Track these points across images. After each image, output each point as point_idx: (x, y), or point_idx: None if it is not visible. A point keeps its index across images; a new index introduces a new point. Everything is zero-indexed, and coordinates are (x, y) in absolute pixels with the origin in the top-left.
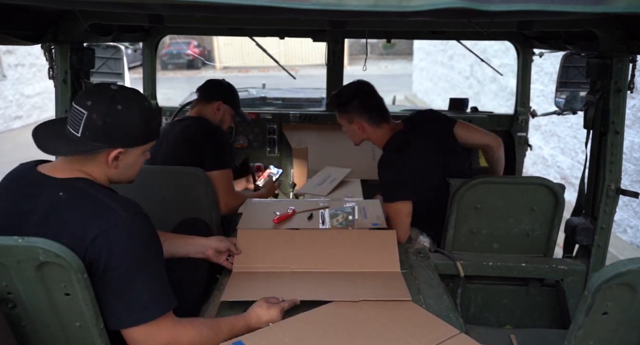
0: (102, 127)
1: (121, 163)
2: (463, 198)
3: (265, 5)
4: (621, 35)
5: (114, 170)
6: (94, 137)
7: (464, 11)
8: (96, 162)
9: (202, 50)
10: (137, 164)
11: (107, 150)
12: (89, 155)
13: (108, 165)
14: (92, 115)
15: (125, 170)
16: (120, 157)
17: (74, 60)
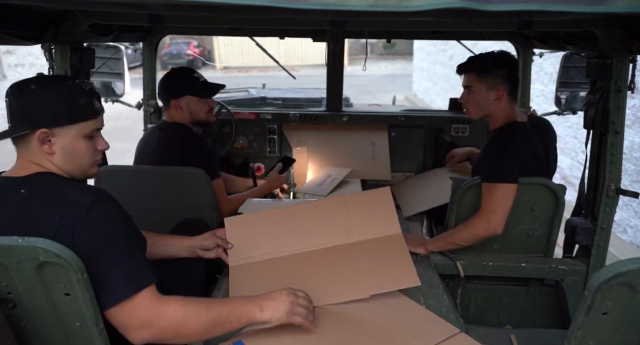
0: (20, 110)
1: (55, 147)
2: (463, 198)
3: (265, 5)
4: (621, 35)
5: (55, 158)
6: (18, 123)
7: (464, 11)
8: (34, 152)
9: (202, 50)
10: (79, 149)
11: (32, 134)
12: (25, 144)
13: (45, 152)
14: (11, 101)
15: (67, 156)
16: (52, 140)
17: (74, 60)
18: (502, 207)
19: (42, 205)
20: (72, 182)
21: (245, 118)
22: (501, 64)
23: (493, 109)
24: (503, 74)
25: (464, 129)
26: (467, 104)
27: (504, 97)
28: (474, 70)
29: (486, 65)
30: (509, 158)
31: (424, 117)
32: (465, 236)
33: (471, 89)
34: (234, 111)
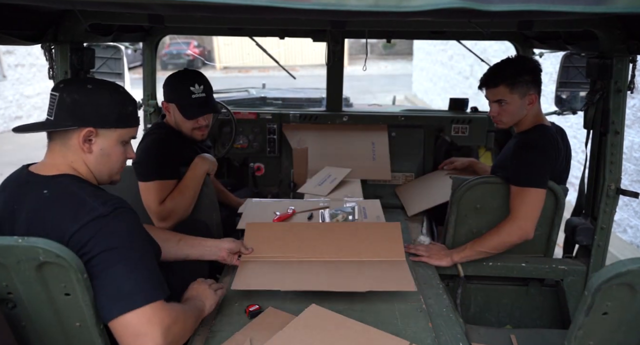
0: (71, 105)
1: (95, 147)
2: (463, 198)
3: (265, 5)
4: (621, 35)
5: (90, 157)
6: (64, 116)
7: (464, 11)
8: (72, 149)
9: (202, 50)
10: (114, 153)
11: (77, 130)
12: (64, 139)
13: (82, 150)
14: (62, 95)
15: (102, 158)
16: (93, 140)
17: (74, 60)
18: (535, 212)
19: (61, 209)
20: (94, 188)
21: (245, 118)
22: (527, 69)
23: (524, 114)
24: (530, 79)
25: (464, 129)
26: (500, 115)
27: (536, 100)
28: (503, 82)
29: (514, 74)
30: (543, 163)
31: (424, 117)
32: (497, 244)
33: (504, 101)
34: (234, 111)
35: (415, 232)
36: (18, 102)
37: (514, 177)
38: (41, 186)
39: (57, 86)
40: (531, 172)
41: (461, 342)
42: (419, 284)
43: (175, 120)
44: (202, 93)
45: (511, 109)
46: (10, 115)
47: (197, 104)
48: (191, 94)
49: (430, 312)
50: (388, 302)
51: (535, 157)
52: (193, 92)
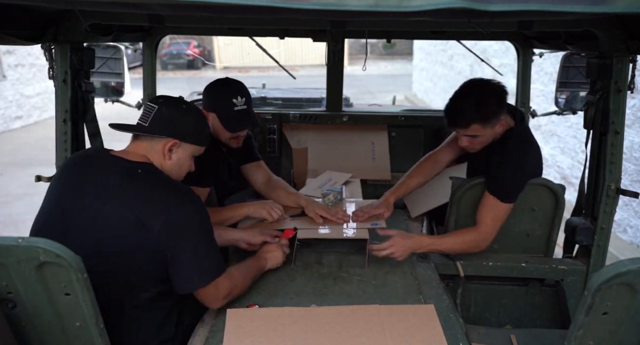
0: (168, 119)
1: (174, 156)
2: (463, 198)
3: (265, 5)
4: (621, 35)
5: (168, 162)
6: (159, 126)
7: (464, 11)
8: (156, 151)
9: (202, 50)
10: (185, 165)
11: (165, 139)
12: (151, 142)
13: (164, 156)
14: (161, 108)
15: (176, 166)
16: (174, 150)
17: (74, 60)
18: (499, 225)
19: (155, 187)
20: None
21: None
22: (489, 97)
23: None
24: (496, 106)
25: None
26: (472, 145)
27: (504, 121)
28: (474, 122)
29: (481, 110)
30: (523, 178)
31: (424, 117)
32: (459, 249)
33: (477, 136)
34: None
35: (415, 232)
36: (18, 102)
37: (494, 189)
38: (130, 166)
39: (157, 100)
40: (511, 187)
41: (461, 342)
42: (418, 283)
43: (213, 129)
44: (244, 105)
45: (484, 140)
46: (10, 115)
47: (239, 117)
48: (234, 106)
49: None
50: (388, 302)
51: (516, 172)
52: (235, 104)
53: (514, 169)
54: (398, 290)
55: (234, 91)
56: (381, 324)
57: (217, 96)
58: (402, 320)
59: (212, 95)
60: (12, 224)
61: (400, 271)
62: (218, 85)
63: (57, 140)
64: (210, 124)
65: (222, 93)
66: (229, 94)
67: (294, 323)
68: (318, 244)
